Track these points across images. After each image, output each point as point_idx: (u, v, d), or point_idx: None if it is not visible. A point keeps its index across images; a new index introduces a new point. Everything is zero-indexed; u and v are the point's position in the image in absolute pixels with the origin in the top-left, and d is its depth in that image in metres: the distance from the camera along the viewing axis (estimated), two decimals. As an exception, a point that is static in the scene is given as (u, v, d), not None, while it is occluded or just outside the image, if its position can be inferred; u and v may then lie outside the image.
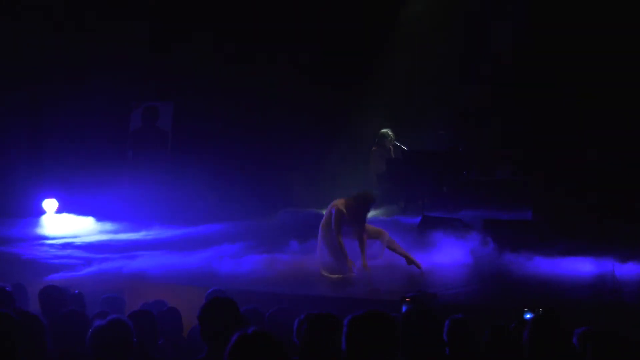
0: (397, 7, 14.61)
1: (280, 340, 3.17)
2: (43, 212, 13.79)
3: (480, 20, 13.79)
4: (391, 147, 13.32)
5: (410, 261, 9.28)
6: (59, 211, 13.87)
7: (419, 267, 9.25)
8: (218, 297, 4.61)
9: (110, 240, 12.13)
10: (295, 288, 8.56)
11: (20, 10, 14.02)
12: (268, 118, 14.45)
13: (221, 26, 14.53)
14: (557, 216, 11.07)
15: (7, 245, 11.42)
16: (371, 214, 13.06)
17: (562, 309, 7.14)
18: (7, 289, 5.84)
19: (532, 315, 5.34)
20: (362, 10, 14.33)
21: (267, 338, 3.13)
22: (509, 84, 13.42)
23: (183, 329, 6.11)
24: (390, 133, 13.30)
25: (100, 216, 13.52)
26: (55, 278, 8.98)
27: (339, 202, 9.25)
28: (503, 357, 4.91)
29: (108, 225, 13.20)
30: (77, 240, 12.11)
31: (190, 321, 5.43)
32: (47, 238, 12.46)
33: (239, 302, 4.49)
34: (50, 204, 13.87)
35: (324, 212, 12.89)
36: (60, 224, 13.46)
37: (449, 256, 9.77)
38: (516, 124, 13.18)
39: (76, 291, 6.58)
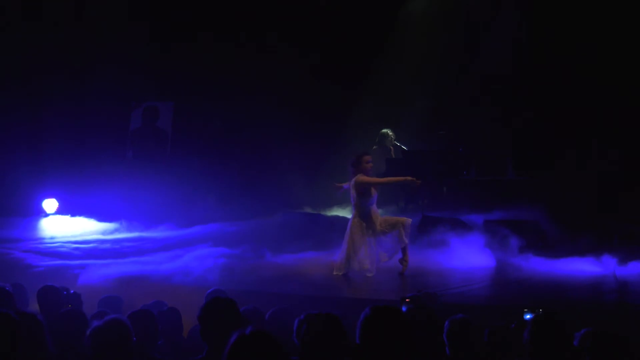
0: (397, 7, 14.60)
1: (280, 340, 3.17)
2: (43, 212, 13.79)
3: (480, 19, 13.78)
4: (391, 147, 13.32)
5: (403, 260, 9.23)
6: (59, 211, 13.86)
7: (403, 269, 9.21)
8: (218, 297, 4.61)
9: (110, 240, 12.12)
10: (295, 288, 8.56)
11: (20, 9, 14.02)
12: (268, 118, 14.44)
13: (221, 26, 14.54)
14: (557, 216, 11.09)
15: (7, 245, 11.41)
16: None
17: (562, 309, 7.16)
18: (7, 288, 5.84)
19: (532, 316, 5.33)
20: (362, 9, 14.32)
21: (266, 338, 3.13)
22: (509, 83, 13.42)
23: (183, 329, 6.11)
24: (390, 133, 13.29)
25: (99, 216, 13.52)
26: (55, 277, 8.97)
27: (358, 180, 9.13)
28: (503, 357, 4.91)
29: (107, 225, 13.20)
30: (77, 240, 12.10)
31: (190, 321, 5.43)
32: (47, 238, 12.45)
33: (239, 302, 4.49)
34: (50, 204, 13.86)
35: (324, 212, 13.01)
36: (60, 224, 13.45)
37: (449, 256, 9.77)
38: (517, 124, 13.18)
39: (72, 291, 6.57)
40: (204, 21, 14.65)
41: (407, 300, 6.29)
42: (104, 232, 12.88)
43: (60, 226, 13.34)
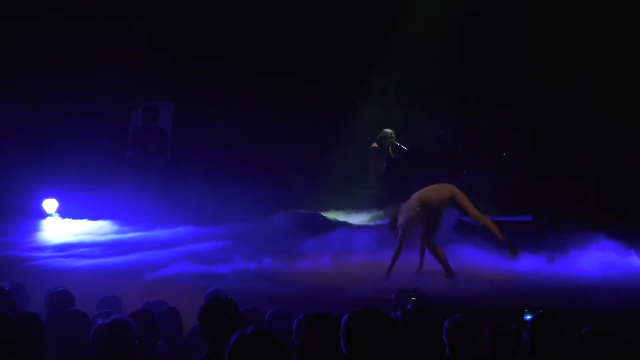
0: (398, 7, 14.58)
1: (280, 340, 3.17)
2: (43, 212, 13.78)
3: (481, 18, 13.76)
4: (391, 147, 13.31)
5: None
6: (59, 211, 13.86)
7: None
8: (218, 297, 4.61)
9: (109, 240, 12.11)
10: (295, 288, 8.56)
11: (20, 9, 14.03)
12: (267, 118, 14.45)
13: (221, 26, 14.54)
14: (557, 217, 11.10)
15: (7, 245, 11.41)
16: (370, 216, 13.15)
17: (562, 309, 7.16)
18: (7, 288, 5.83)
19: (532, 316, 5.33)
20: (363, 9, 14.31)
21: (266, 338, 3.13)
22: (509, 83, 13.42)
23: (183, 329, 6.11)
24: (391, 134, 13.28)
25: (99, 216, 13.52)
26: (54, 277, 8.96)
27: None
28: (503, 357, 4.91)
29: (107, 225, 13.19)
30: (77, 240, 12.09)
31: (190, 321, 5.43)
32: (46, 238, 12.44)
33: (239, 302, 4.50)
34: (50, 204, 13.86)
35: (323, 214, 13.00)
36: (59, 224, 13.45)
37: (449, 257, 9.75)
38: (517, 124, 13.19)
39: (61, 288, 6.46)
40: (203, 21, 14.65)
41: (412, 299, 6.29)
42: (103, 232, 12.87)
43: (60, 226, 13.34)
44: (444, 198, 9.22)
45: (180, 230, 12.58)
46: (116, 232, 12.82)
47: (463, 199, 9.27)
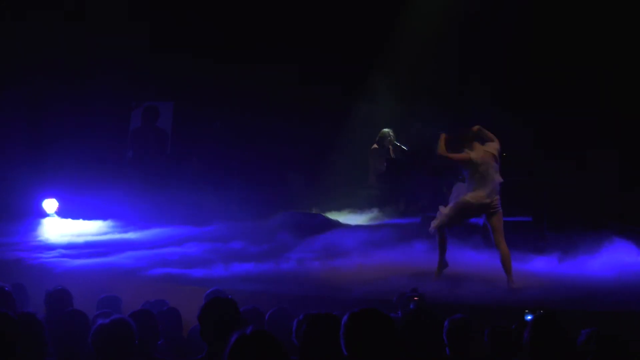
0: (398, 7, 14.58)
1: (280, 340, 3.17)
2: (43, 212, 13.78)
3: (481, 18, 13.76)
4: (391, 147, 13.31)
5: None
6: (59, 211, 13.85)
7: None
8: (218, 297, 4.61)
9: (110, 240, 12.11)
10: (295, 288, 8.56)
11: (20, 9, 14.02)
12: (267, 118, 14.44)
13: (221, 26, 14.54)
14: (557, 217, 11.09)
15: (7, 245, 11.41)
16: (370, 216, 13.16)
17: (562, 310, 7.16)
18: (7, 288, 5.82)
19: (532, 317, 5.33)
20: (363, 9, 14.30)
21: (266, 338, 3.13)
22: (509, 84, 13.42)
23: (183, 329, 6.11)
24: (390, 133, 13.28)
25: (99, 216, 13.51)
26: (54, 277, 8.96)
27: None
28: (503, 357, 4.91)
29: (107, 225, 13.19)
30: (77, 240, 12.09)
31: (190, 321, 5.43)
32: (46, 238, 12.45)
33: (239, 302, 4.50)
34: (50, 204, 13.85)
35: (323, 214, 13.01)
36: (59, 224, 13.44)
37: (449, 256, 9.75)
38: (517, 124, 13.18)
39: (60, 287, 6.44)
40: (203, 21, 14.64)
41: (415, 298, 6.29)
42: (103, 232, 12.87)
43: (60, 226, 13.33)
44: (485, 210, 8.90)
45: (180, 230, 12.58)
46: (116, 232, 12.82)
47: (499, 220, 8.87)
